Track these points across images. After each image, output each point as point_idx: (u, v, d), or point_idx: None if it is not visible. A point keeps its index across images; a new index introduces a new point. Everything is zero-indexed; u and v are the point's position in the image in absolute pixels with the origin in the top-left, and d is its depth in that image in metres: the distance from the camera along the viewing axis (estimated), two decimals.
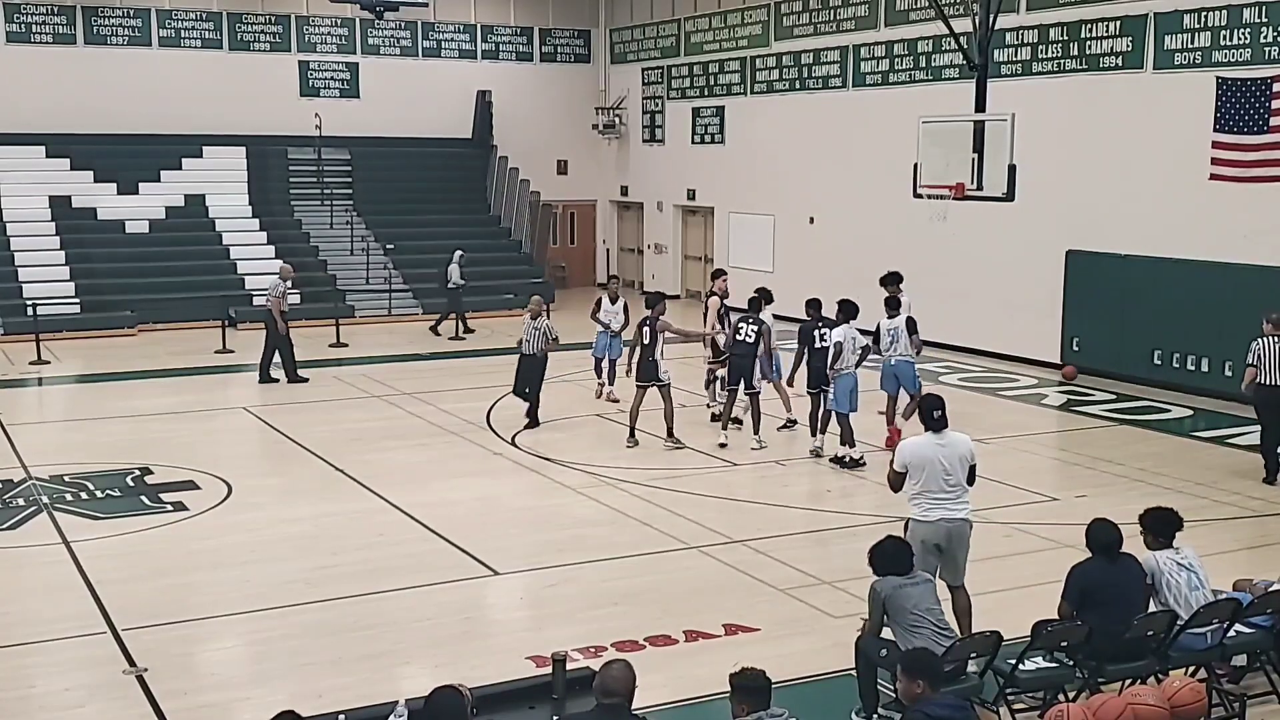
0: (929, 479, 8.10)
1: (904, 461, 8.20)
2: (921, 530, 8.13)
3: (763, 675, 5.76)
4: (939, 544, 8.11)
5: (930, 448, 8.16)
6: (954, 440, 8.22)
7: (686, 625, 8.96)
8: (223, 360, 20.80)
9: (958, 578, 8.25)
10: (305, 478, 13.40)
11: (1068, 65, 19.42)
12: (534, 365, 15.63)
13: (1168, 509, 7.79)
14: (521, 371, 15.73)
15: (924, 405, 8.41)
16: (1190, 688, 6.73)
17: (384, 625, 9.16)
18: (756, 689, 5.70)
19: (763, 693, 5.69)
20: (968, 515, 8.21)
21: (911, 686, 5.86)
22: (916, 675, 5.87)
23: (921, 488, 8.13)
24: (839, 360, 13.55)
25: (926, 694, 5.80)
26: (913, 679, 5.86)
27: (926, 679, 5.85)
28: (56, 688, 8.09)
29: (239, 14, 28.21)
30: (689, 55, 28.67)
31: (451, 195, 29.86)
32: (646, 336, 14.57)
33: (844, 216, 23.95)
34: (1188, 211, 17.48)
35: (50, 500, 12.28)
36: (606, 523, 11.71)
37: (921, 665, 5.95)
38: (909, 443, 8.36)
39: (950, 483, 8.11)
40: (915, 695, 5.83)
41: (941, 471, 8.10)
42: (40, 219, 25.67)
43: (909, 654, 6.24)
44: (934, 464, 8.10)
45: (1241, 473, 13.49)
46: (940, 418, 8.23)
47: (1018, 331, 20.04)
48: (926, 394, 8.78)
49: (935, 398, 8.43)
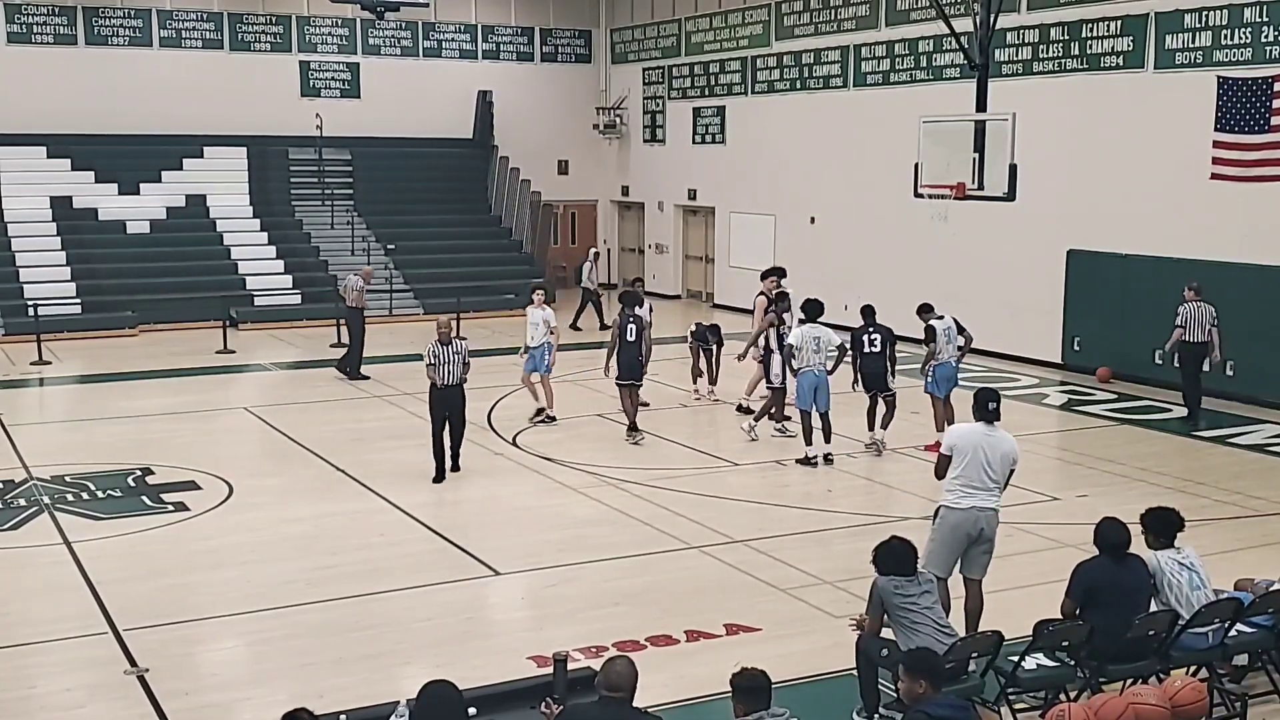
0: (970, 466, 8.17)
1: (950, 444, 8.30)
2: (953, 517, 8.20)
3: (762, 675, 5.74)
4: (969, 532, 8.17)
5: (978, 435, 8.26)
6: (1002, 436, 8.32)
7: (687, 625, 8.96)
8: (224, 360, 20.80)
9: (978, 570, 8.31)
10: (306, 478, 13.40)
11: (1069, 65, 19.43)
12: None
13: (1169, 509, 7.79)
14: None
15: (980, 397, 8.44)
16: (1191, 687, 6.72)
17: (385, 625, 9.16)
18: (755, 689, 5.69)
19: (762, 693, 5.69)
20: (997, 507, 8.30)
21: (914, 686, 5.85)
22: (919, 675, 5.86)
23: (961, 474, 8.19)
24: (796, 359, 13.71)
25: (929, 694, 5.79)
26: (915, 679, 5.85)
27: (929, 679, 5.84)
28: (57, 688, 8.09)
29: (240, 14, 28.21)
30: (690, 55, 28.67)
31: (452, 195, 29.87)
32: (632, 334, 14.69)
33: (845, 216, 23.96)
34: (1189, 211, 17.48)
35: (51, 500, 12.28)
36: (607, 523, 11.71)
37: (924, 665, 5.94)
38: (958, 427, 8.56)
39: (991, 477, 8.18)
40: (917, 695, 5.82)
41: (984, 462, 8.16)
42: (41, 219, 25.69)
43: (911, 654, 6.23)
44: (978, 452, 8.19)
45: (1243, 473, 13.49)
46: (994, 410, 8.32)
47: (1019, 331, 20.03)
48: (983, 386, 8.80)
49: (991, 391, 8.52)
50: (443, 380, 12.97)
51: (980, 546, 8.25)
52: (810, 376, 13.64)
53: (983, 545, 8.26)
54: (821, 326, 13.88)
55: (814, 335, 13.74)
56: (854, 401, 14.58)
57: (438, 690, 5.38)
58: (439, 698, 5.35)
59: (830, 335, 13.90)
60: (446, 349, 12.98)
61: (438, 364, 12.95)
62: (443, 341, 13.02)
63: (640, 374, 14.96)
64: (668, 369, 18.44)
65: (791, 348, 13.82)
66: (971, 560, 8.28)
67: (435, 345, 13.07)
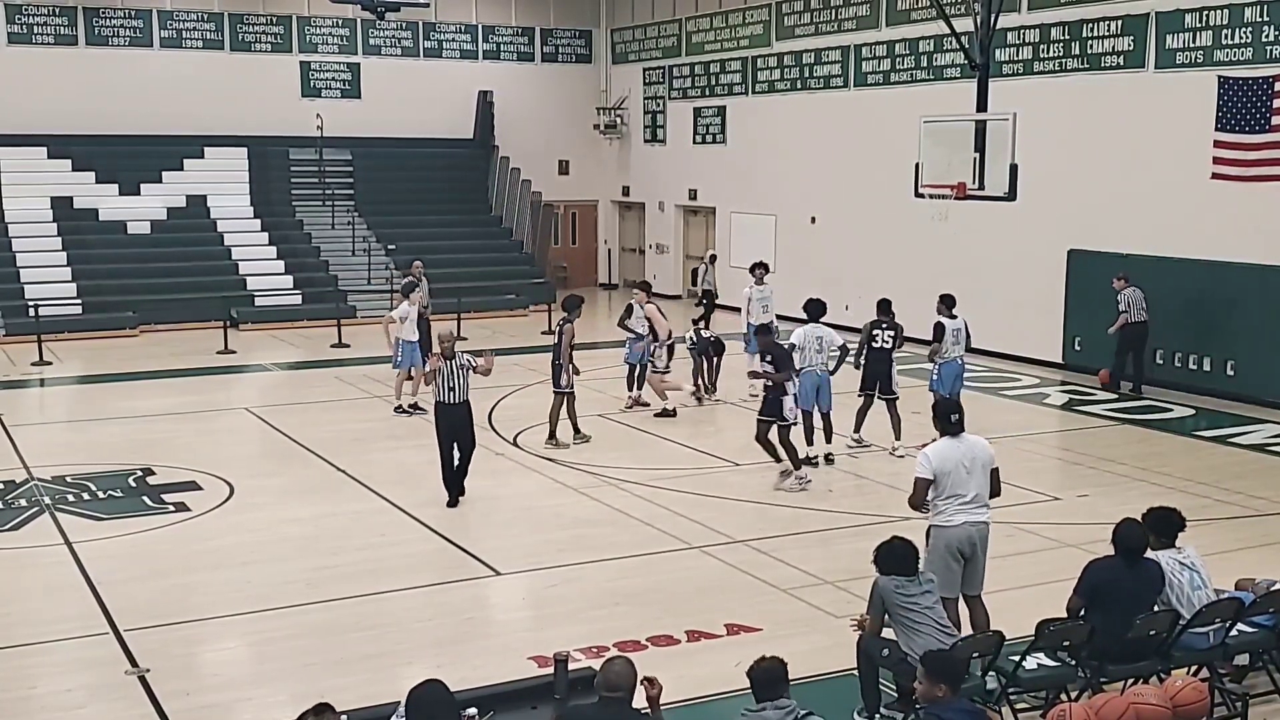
0: (954, 484, 7.90)
1: (933, 469, 7.92)
2: (945, 535, 7.94)
3: (778, 665, 5.81)
4: (962, 550, 7.94)
5: (954, 450, 8.00)
6: (974, 443, 8.11)
7: (688, 625, 8.96)
8: (224, 361, 20.80)
9: (976, 585, 8.08)
10: (307, 478, 13.40)
11: (1069, 65, 19.42)
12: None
13: (1170, 509, 7.78)
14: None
15: (941, 409, 8.25)
16: (1192, 687, 6.71)
17: (386, 625, 9.16)
18: (771, 681, 5.75)
19: (778, 683, 5.72)
20: (988, 519, 8.09)
21: (933, 689, 5.78)
22: (939, 679, 5.79)
23: (947, 493, 7.92)
24: (798, 358, 13.65)
25: (948, 697, 5.73)
26: (935, 682, 5.78)
27: (948, 682, 5.77)
28: (58, 688, 8.09)
29: (240, 15, 28.21)
30: (690, 55, 28.67)
31: (453, 195, 29.87)
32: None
33: (846, 216, 23.95)
34: (1189, 211, 17.47)
35: (52, 501, 12.28)
36: (608, 523, 11.71)
37: (944, 668, 5.87)
38: (933, 449, 8.07)
39: (975, 488, 7.95)
40: (936, 698, 5.76)
41: (965, 475, 7.93)
42: (42, 220, 25.69)
43: (931, 656, 6.13)
44: (959, 468, 7.93)
45: (1244, 472, 13.49)
46: (959, 420, 8.10)
47: (1019, 331, 20.03)
48: (941, 398, 8.66)
49: (952, 401, 8.33)
50: (445, 397, 12.23)
51: (977, 562, 8.06)
52: (812, 376, 13.62)
53: (977, 558, 8.05)
54: (823, 326, 13.86)
55: (816, 335, 13.72)
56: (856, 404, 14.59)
57: (428, 692, 5.35)
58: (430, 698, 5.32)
59: (832, 335, 13.88)
60: (450, 363, 12.20)
61: (439, 379, 12.23)
62: (445, 356, 12.25)
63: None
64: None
65: (793, 346, 13.81)
66: (969, 577, 8.05)
67: (437, 359, 12.36)
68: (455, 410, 12.19)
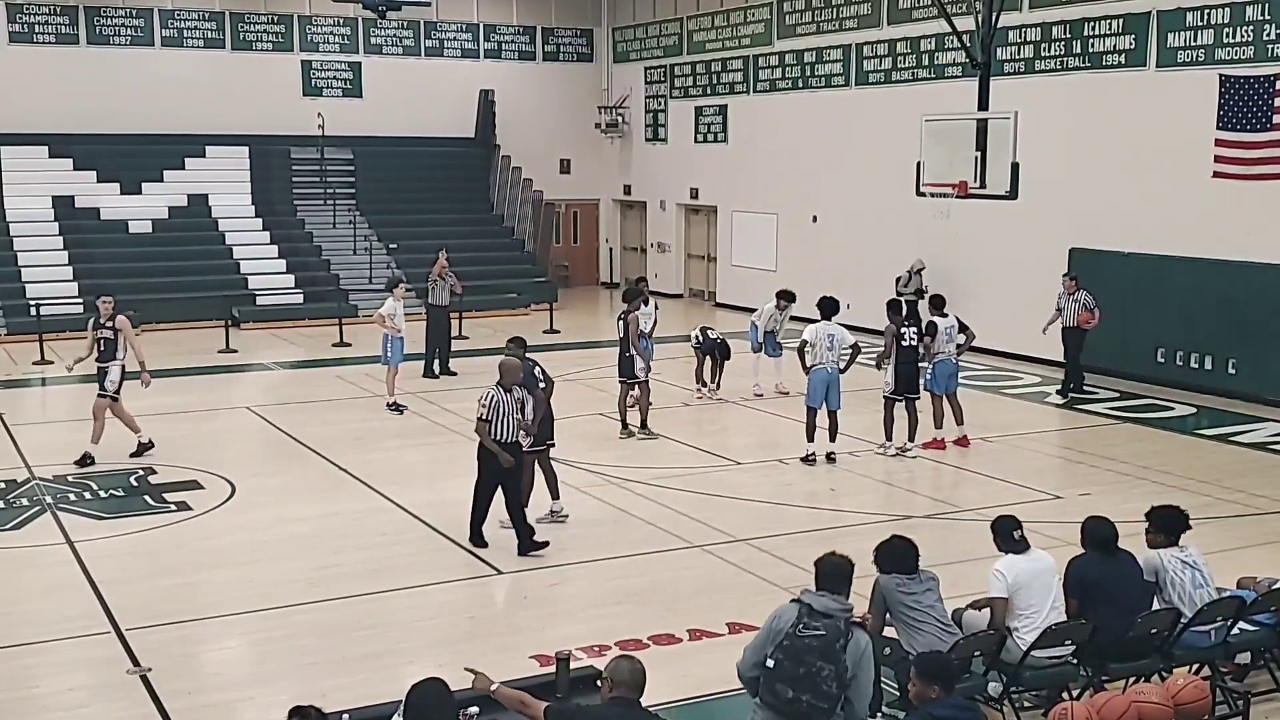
0: (1037, 596, 7.18)
1: (1011, 585, 7.16)
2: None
3: (842, 563, 6.11)
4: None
5: (1029, 564, 7.27)
6: (1041, 556, 7.38)
7: (690, 624, 8.96)
8: (226, 360, 20.81)
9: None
10: (308, 477, 13.40)
11: (1070, 63, 19.41)
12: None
13: (1174, 507, 7.79)
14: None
15: (1003, 528, 7.40)
16: (1194, 686, 6.71)
17: (387, 625, 9.16)
18: (832, 575, 6.07)
19: (837, 580, 6.05)
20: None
21: (926, 691, 5.76)
22: (931, 680, 5.77)
23: (1032, 607, 7.16)
24: (810, 355, 13.71)
25: (940, 699, 5.72)
26: (928, 684, 5.76)
27: (941, 683, 5.75)
28: (60, 688, 8.09)
29: (241, 14, 28.21)
30: (691, 54, 28.66)
31: (454, 194, 29.86)
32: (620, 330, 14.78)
33: (847, 215, 23.94)
34: (1190, 209, 17.46)
35: (54, 500, 12.28)
36: (610, 521, 11.70)
37: (936, 669, 5.85)
38: (1004, 564, 7.24)
39: (1052, 604, 7.24)
40: (929, 699, 5.76)
41: (1043, 589, 7.23)
42: (43, 219, 25.69)
43: (923, 658, 6.13)
44: (1034, 580, 7.21)
45: (1245, 471, 13.48)
46: (1023, 538, 7.34)
47: (1020, 330, 20.00)
48: (1000, 516, 7.57)
49: (1009, 518, 7.45)
50: (501, 437, 10.39)
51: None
52: (823, 373, 13.63)
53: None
54: (836, 324, 13.87)
55: (828, 332, 13.73)
56: (860, 403, 14.57)
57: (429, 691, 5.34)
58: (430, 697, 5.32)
59: (844, 333, 13.88)
60: (508, 396, 10.38)
61: (494, 416, 10.29)
62: (505, 387, 10.39)
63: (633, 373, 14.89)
64: (670, 368, 18.42)
65: (805, 343, 13.77)
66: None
67: (496, 390, 10.38)
68: (509, 452, 10.44)
